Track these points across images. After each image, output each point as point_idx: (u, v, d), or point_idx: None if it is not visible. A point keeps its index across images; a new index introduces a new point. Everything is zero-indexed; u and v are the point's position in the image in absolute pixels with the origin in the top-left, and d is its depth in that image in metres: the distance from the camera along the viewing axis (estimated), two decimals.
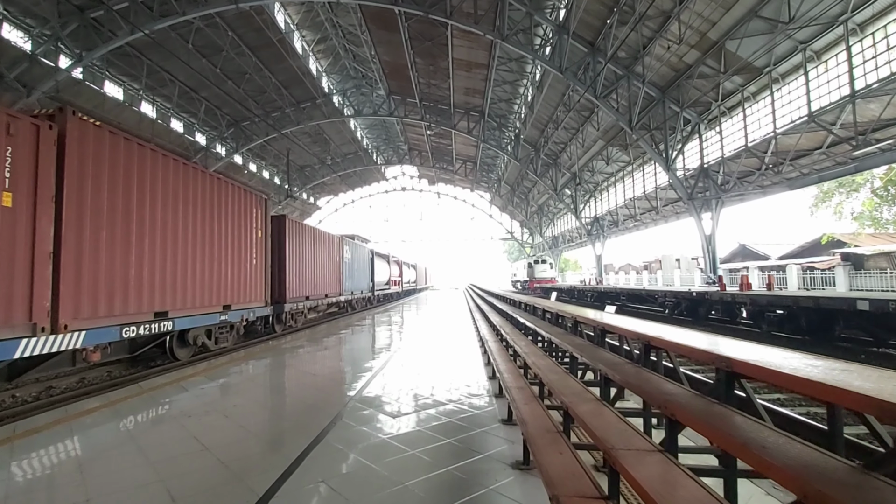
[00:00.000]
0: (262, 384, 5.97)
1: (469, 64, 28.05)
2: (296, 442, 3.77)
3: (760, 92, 17.40)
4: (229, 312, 9.31)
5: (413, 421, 4.42)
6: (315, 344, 10.70)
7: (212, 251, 8.74)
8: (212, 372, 6.97)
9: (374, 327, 14.57)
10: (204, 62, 27.41)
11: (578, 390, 3.77)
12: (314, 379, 6.26)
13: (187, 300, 7.97)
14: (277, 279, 12.47)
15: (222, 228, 9.14)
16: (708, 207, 20.06)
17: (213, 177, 8.91)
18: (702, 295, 13.25)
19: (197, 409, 4.82)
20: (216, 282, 8.88)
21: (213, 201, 8.86)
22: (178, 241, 7.73)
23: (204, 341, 9.02)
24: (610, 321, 4.45)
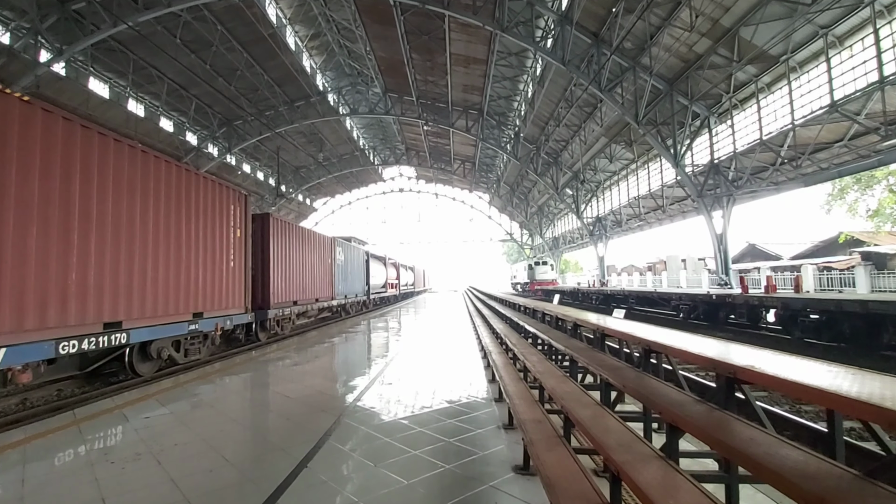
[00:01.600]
0: (223, 411, 4.96)
1: (467, 59, 27.11)
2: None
3: (776, 82, 16.47)
4: (200, 321, 8.30)
5: (404, 466, 3.42)
6: (300, 354, 9.68)
7: (179, 252, 7.72)
8: (171, 392, 5.96)
9: (368, 334, 13.56)
10: (193, 58, 26.44)
11: (624, 435, 2.83)
12: (287, 404, 5.25)
13: (147, 308, 6.96)
14: (261, 283, 11.46)
15: (192, 227, 8.13)
16: (718, 205, 19.12)
17: (180, 168, 7.90)
18: (722, 298, 12.27)
19: (126, 449, 3.81)
20: (184, 287, 7.87)
21: (182, 196, 7.86)
22: (135, 239, 6.72)
23: (171, 354, 8.00)
24: (660, 339, 3.51)
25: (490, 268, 78.43)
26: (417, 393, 5.72)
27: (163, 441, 3.98)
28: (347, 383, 6.25)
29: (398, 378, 6.64)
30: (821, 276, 17.22)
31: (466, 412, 4.81)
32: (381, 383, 6.26)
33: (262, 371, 7.56)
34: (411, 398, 5.43)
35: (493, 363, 6.05)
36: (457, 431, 4.20)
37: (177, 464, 3.47)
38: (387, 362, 8.06)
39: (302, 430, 4.21)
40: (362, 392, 5.69)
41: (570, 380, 4.03)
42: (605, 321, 4.45)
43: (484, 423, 4.44)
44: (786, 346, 9.69)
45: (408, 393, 5.69)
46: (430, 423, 4.47)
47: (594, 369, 3.59)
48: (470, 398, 5.38)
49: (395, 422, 4.51)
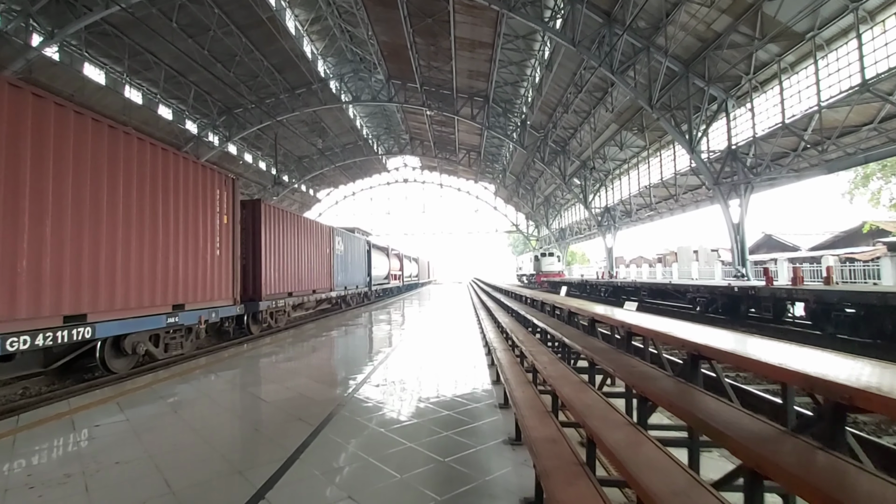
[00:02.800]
0: (187, 418, 4.32)
1: (472, 43, 26.15)
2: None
3: (800, 62, 15.48)
4: (181, 314, 7.67)
5: (390, 498, 2.76)
6: (291, 349, 9.06)
7: (155, 239, 7.08)
8: (138, 394, 5.34)
9: (366, 327, 12.94)
10: (190, 43, 25.67)
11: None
12: (262, 410, 4.60)
13: (117, 300, 6.33)
14: (252, 273, 10.83)
15: (172, 212, 7.47)
16: (735, 193, 18.21)
17: (156, 147, 7.23)
18: (745, 291, 11.49)
19: (56, 469, 3.17)
20: (162, 277, 7.23)
21: (159, 177, 7.19)
22: (101, 224, 6.07)
23: (148, 349, 7.38)
24: (712, 342, 2.75)
25: (495, 259, 77.69)
26: (411, 397, 5.06)
27: (104, 458, 3.34)
28: (335, 384, 5.60)
29: (391, 379, 5.99)
30: (843, 268, 16.35)
31: (467, 422, 4.14)
32: (372, 385, 5.61)
33: (246, 368, 6.93)
34: (404, 404, 4.77)
35: (497, 362, 5.38)
36: (455, 448, 3.54)
37: (108, 491, 2.83)
38: (381, 360, 7.41)
39: (270, 447, 3.55)
40: (349, 396, 5.03)
41: (589, 388, 3.34)
42: (633, 318, 3.76)
43: (487, 437, 3.77)
44: (817, 342, 8.93)
45: (400, 397, 5.03)
46: (423, 436, 3.80)
47: (622, 377, 2.88)
48: (471, 403, 4.72)
49: (382, 435, 3.85)
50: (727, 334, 3.12)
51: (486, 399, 4.93)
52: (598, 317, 4.36)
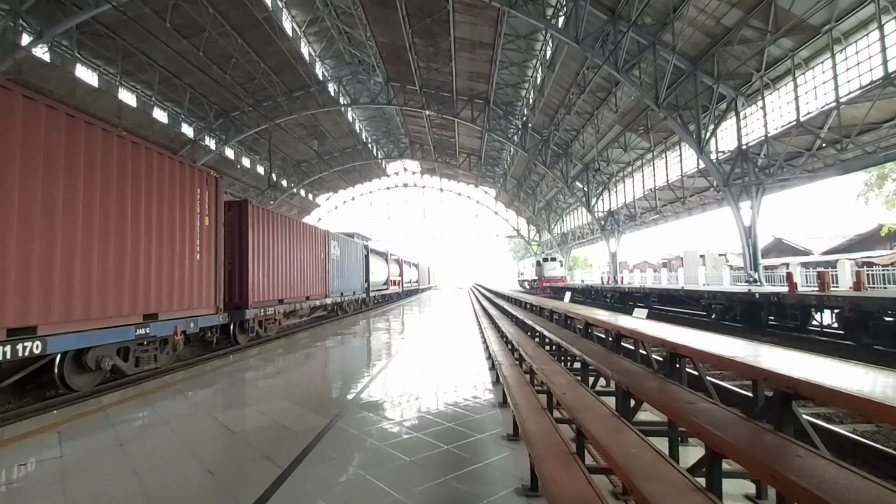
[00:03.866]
0: (135, 455, 3.56)
1: (472, 43, 25.60)
2: None
3: (815, 57, 14.85)
4: (153, 324, 6.96)
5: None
6: (277, 362, 8.35)
7: (122, 242, 6.38)
8: (90, 419, 4.63)
9: (362, 336, 12.22)
10: (185, 44, 25.14)
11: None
12: (225, 443, 3.88)
13: (75, 310, 5.62)
14: (238, 279, 10.13)
15: (143, 212, 6.78)
16: (746, 195, 17.52)
17: (124, 139, 6.55)
18: (767, 297, 10.72)
19: None
20: (131, 283, 6.53)
21: (127, 174, 6.51)
22: (55, 225, 5.38)
23: (116, 364, 6.66)
24: (804, 373, 2.20)
25: (496, 264, 76.97)
26: (403, 423, 4.34)
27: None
28: (317, 408, 4.88)
29: (383, 401, 5.27)
30: (859, 273, 15.59)
31: (469, 462, 3.42)
32: (360, 408, 4.89)
33: (222, 386, 6.21)
34: (395, 435, 4.04)
35: (503, 379, 4.67)
36: (457, 500, 2.82)
37: None
38: (373, 376, 6.69)
39: (222, 500, 2.83)
40: (331, 424, 4.31)
41: (626, 426, 2.62)
42: (678, 335, 3.06)
43: (494, 484, 3.04)
44: (851, 354, 8.19)
45: (392, 426, 4.31)
46: (418, 483, 3.08)
47: (692, 428, 2.25)
48: (474, 434, 3.99)
49: (363, 480, 3.13)
50: (810, 359, 2.50)
51: (491, 428, 4.21)
52: (626, 331, 3.66)
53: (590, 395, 3.34)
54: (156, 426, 4.32)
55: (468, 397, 5.29)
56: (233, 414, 4.70)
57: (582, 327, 4.95)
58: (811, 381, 1.88)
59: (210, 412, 4.76)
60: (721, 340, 2.92)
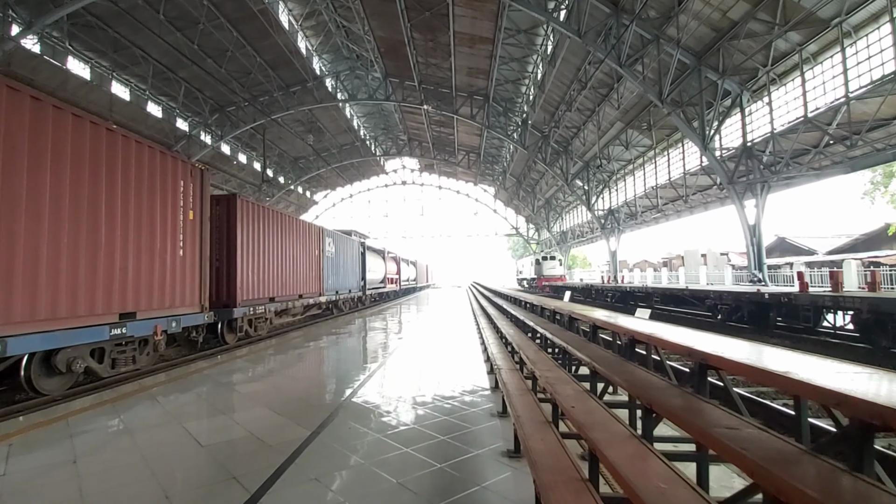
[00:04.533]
0: (86, 475, 3.12)
1: (472, 38, 25.14)
2: None
3: (823, 51, 14.46)
4: (130, 323, 6.54)
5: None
6: (266, 363, 7.96)
7: (95, 236, 5.96)
8: (47, 429, 4.22)
9: (356, 335, 11.84)
10: (179, 37, 24.64)
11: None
12: (191, 461, 3.47)
13: (40, 309, 5.21)
14: (226, 277, 9.71)
15: (119, 204, 6.36)
16: (751, 193, 17.14)
17: (98, 126, 6.12)
18: (777, 297, 10.32)
19: None
20: (105, 281, 6.11)
21: (101, 163, 6.08)
22: (18, 218, 4.96)
23: (89, 366, 6.25)
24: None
25: (495, 263, 76.64)
26: (393, 436, 3.94)
27: None
28: (300, 417, 4.47)
29: (370, 409, 4.87)
30: (867, 273, 15.25)
31: (466, 485, 3.02)
32: (347, 418, 4.48)
33: (201, 391, 5.80)
34: (380, 448, 3.64)
35: (503, 386, 4.28)
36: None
37: None
38: (364, 380, 6.29)
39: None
40: (312, 437, 3.91)
41: (649, 450, 2.23)
42: (707, 343, 2.65)
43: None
44: (868, 358, 7.82)
45: (377, 438, 3.91)
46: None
47: (744, 467, 1.81)
48: (471, 450, 3.59)
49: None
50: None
51: (490, 442, 3.81)
52: (642, 336, 3.25)
53: (601, 409, 2.94)
54: (118, 438, 3.92)
55: (465, 405, 4.90)
56: (206, 424, 4.29)
57: (589, 330, 4.55)
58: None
59: (182, 421, 4.35)
60: (760, 351, 2.51)
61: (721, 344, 2.61)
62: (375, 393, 5.47)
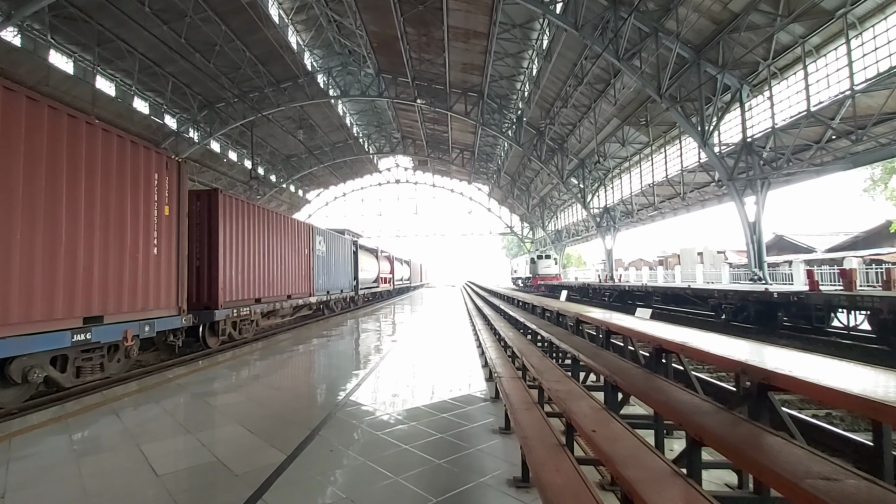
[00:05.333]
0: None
1: (467, 33, 24.65)
2: None
3: (827, 43, 14.11)
4: (96, 328, 5.99)
5: None
6: (248, 369, 7.43)
7: (54, 232, 5.41)
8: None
9: (347, 337, 11.33)
10: (165, 30, 23.95)
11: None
12: (144, 497, 2.97)
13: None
14: (207, 277, 9.15)
15: (82, 197, 5.81)
16: (751, 190, 16.80)
17: (59, 112, 5.57)
18: (786, 297, 9.91)
19: None
20: (66, 282, 5.56)
21: (61, 152, 5.54)
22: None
23: (49, 375, 5.69)
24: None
25: (489, 262, 76.23)
26: (379, 462, 3.45)
27: None
28: (275, 437, 3.96)
29: (356, 426, 4.37)
30: (868, 271, 14.96)
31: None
32: (328, 438, 3.98)
33: (170, 404, 5.26)
34: (365, 477, 3.15)
35: (504, 397, 3.81)
36: None
37: None
38: (349, 392, 5.80)
39: None
40: (287, 462, 3.40)
41: (698, 491, 1.75)
42: (746, 352, 2.20)
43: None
44: (889, 360, 7.42)
45: (361, 463, 3.41)
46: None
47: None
48: (471, 479, 3.11)
49: None
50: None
51: (492, 467, 3.33)
52: (673, 346, 2.78)
53: (628, 434, 2.46)
54: (62, 465, 3.38)
55: (462, 419, 4.42)
56: (167, 447, 3.76)
57: (601, 335, 4.08)
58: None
59: (141, 442, 3.82)
60: (843, 368, 2.04)
61: (787, 359, 2.15)
62: (363, 406, 4.97)
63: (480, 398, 5.18)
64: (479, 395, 5.29)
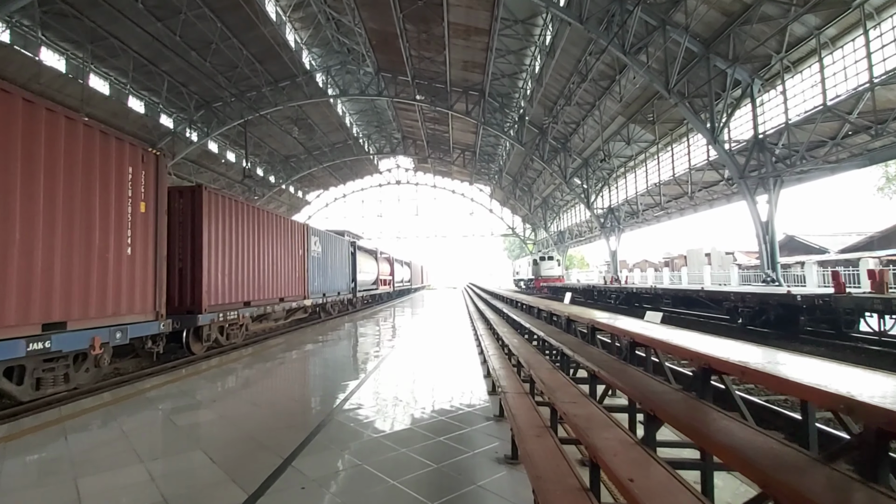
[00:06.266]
0: None
1: (467, 29, 24.11)
2: None
3: (843, 35, 13.52)
4: (57, 335, 5.41)
5: None
6: (228, 381, 6.86)
7: (5, 228, 4.84)
8: None
9: (342, 342, 10.76)
10: (160, 27, 23.48)
11: None
12: None
13: None
14: (190, 279, 8.57)
15: (41, 191, 5.24)
16: (763, 188, 16.18)
17: (13, 96, 5.00)
18: (811, 300, 9.27)
19: None
20: (20, 284, 4.99)
21: (15, 140, 4.97)
22: None
23: (2, 387, 5.12)
24: None
25: (490, 264, 75.70)
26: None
27: None
28: (241, 468, 3.37)
29: (336, 456, 3.78)
30: (891, 272, 14.29)
31: None
32: (303, 469, 3.39)
33: (132, 423, 4.67)
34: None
35: (512, 422, 3.22)
36: None
37: None
38: (334, 410, 5.21)
39: None
40: (255, 499, 2.82)
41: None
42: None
43: None
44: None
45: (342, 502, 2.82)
46: None
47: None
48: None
49: None
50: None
51: (493, 491, 2.74)
52: (728, 367, 2.19)
53: (682, 489, 1.87)
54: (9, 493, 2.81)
55: (462, 443, 3.84)
56: (108, 482, 3.14)
57: (626, 349, 3.50)
58: None
59: (79, 475, 3.22)
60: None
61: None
62: (349, 425, 4.38)
63: (482, 416, 4.60)
64: (481, 413, 4.71)
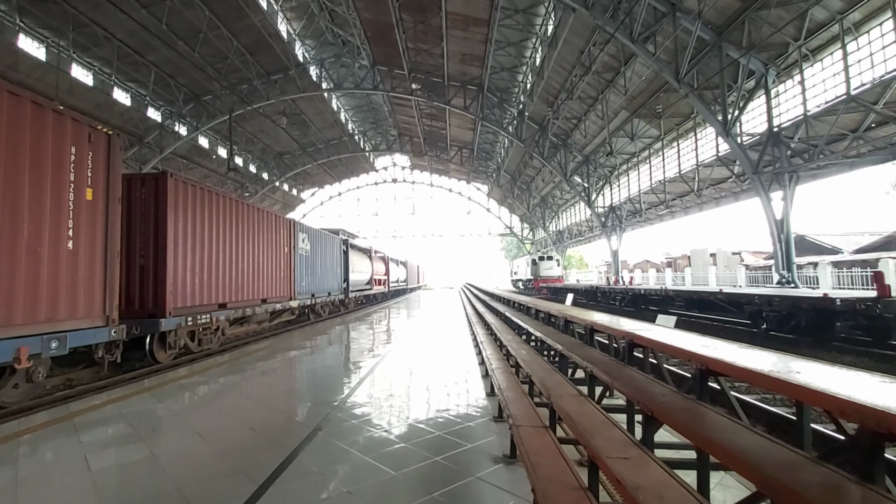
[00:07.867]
0: None
1: (466, 19, 23.19)
2: None
3: (867, 21, 12.65)
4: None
5: None
6: (190, 396, 5.91)
7: None
8: None
9: (328, 350, 9.80)
10: (144, 14, 22.50)
11: None
12: None
13: None
14: (153, 278, 7.57)
15: None
16: (778, 184, 15.31)
17: None
18: (851, 304, 8.29)
19: None
20: None
21: None
22: None
23: None
24: None
25: (488, 263, 74.75)
26: None
27: None
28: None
29: (309, 489, 2.84)
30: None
31: None
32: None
33: (40, 460, 3.71)
34: None
35: (521, 446, 2.27)
36: None
37: None
38: (312, 431, 4.26)
39: None
40: None
41: None
42: None
43: None
44: None
45: None
46: None
47: None
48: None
49: None
50: None
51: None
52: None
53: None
54: None
55: (460, 466, 2.89)
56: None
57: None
58: None
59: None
60: None
61: None
62: (326, 455, 3.43)
63: (483, 432, 3.67)
64: (477, 418, 3.77)
